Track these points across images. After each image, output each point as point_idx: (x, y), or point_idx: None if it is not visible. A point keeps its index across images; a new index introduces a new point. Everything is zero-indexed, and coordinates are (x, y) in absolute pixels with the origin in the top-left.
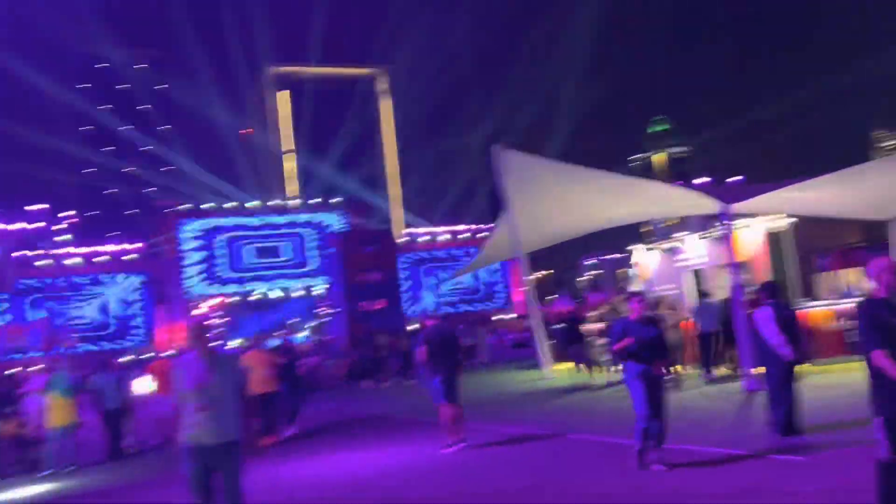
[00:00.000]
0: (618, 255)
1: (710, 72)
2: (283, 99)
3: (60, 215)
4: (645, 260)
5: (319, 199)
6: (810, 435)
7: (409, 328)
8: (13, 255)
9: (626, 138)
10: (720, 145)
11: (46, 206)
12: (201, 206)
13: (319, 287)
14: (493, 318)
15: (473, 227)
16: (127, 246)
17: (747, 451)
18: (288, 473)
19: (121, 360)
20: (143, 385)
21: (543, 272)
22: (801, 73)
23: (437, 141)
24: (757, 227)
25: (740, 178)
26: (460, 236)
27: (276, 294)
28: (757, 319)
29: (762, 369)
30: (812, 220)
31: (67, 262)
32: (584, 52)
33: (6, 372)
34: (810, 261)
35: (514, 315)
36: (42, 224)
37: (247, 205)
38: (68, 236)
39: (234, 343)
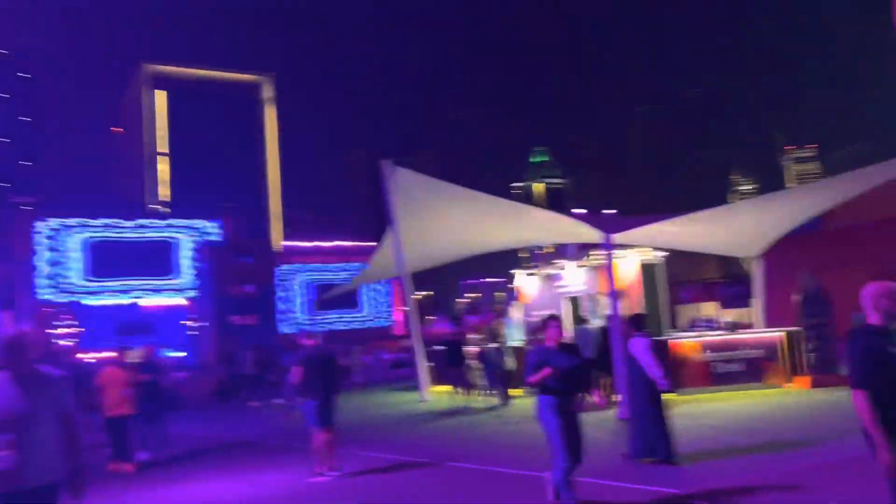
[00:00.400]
0: (496, 280)
1: (587, 109)
2: (160, 99)
3: None
4: (525, 285)
5: (193, 207)
6: (689, 465)
7: (282, 345)
8: None
9: (510, 165)
10: (593, 179)
11: None
12: (60, 205)
13: (188, 298)
14: (372, 337)
15: (356, 243)
16: None
17: (634, 484)
18: None
19: None
20: None
21: (423, 293)
22: (667, 122)
23: (323, 154)
24: (632, 258)
25: (614, 211)
26: (343, 252)
27: (140, 303)
28: (634, 348)
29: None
30: (680, 253)
31: None
32: (474, 75)
33: None
34: (677, 293)
35: (394, 335)
36: None
37: (112, 209)
38: None
39: (88, 358)
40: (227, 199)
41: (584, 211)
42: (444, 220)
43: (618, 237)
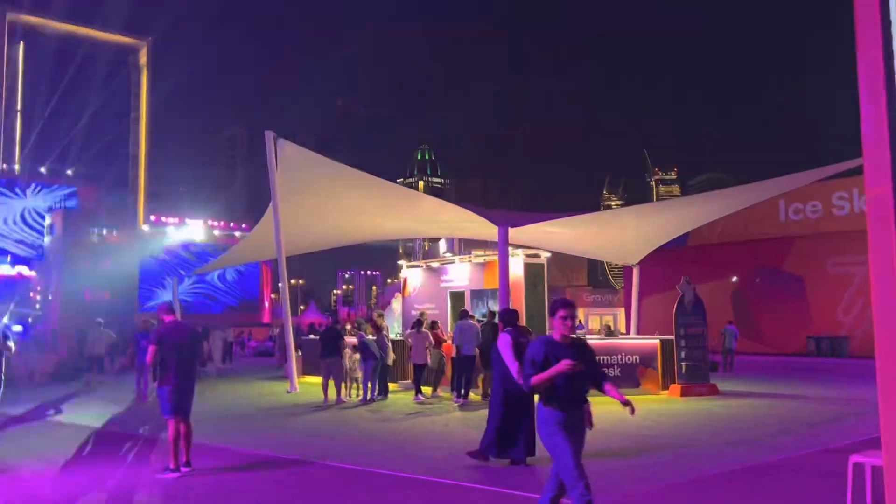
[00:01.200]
0: (373, 272)
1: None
2: (18, 51)
3: None
4: (410, 277)
5: (46, 170)
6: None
7: (139, 324)
8: None
9: (398, 159)
10: (473, 184)
11: None
12: None
13: (34, 268)
14: (238, 323)
15: (229, 223)
16: None
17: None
18: None
19: None
20: None
21: (294, 280)
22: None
23: (197, 129)
24: (516, 258)
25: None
26: (214, 231)
27: None
28: (500, 344)
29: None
30: (553, 260)
31: None
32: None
33: None
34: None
35: (261, 322)
36: None
37: None
38: None
39: None
40: (87, 167)
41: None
42: (328, 202)
43: (514, 231)
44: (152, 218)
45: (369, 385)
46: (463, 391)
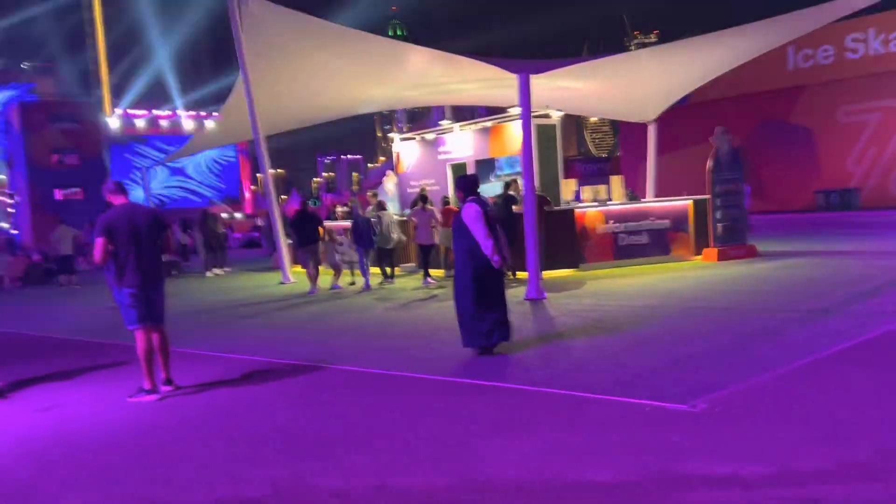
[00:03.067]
0: (354, 156)
1: None
2: None
3: None
4: (403, 152)
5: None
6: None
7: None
8: None
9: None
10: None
11: None
12: None
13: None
14: (222, 214)
15: (201, 112)
16: None
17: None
18: None
19: None
20: None
21: (273, 171)
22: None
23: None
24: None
25: None
26: (185, 121)
27: None
28: (465, 216)
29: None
30: None
31: None
32: None
33: None
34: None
35: (244, 213)
36: None
37: None
38: None
39: None
40: (43, 55)
41: None
42: (305, 69)
43: (537, 78)
44: (119, 112)
45: (368, 270)
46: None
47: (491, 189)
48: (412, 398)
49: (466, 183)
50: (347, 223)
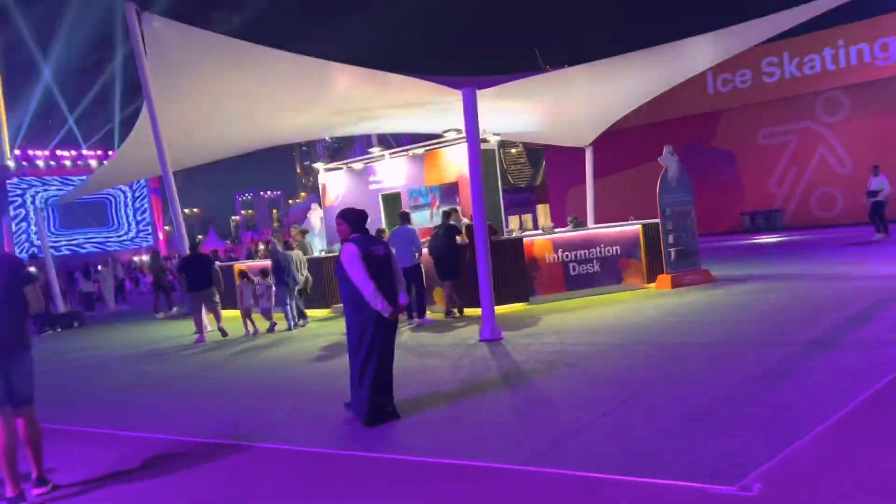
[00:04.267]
0: (274, 192)
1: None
2: None
3: None
4: (329, 182)
5: None
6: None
7: None
8: None
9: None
10: None
11: None
12: None
13: None
14: (134, 258)
15: (103, 152)
16: None
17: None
18: None
19: None
20: None
21: (189, 210)
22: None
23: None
24: (461, 144)
25: None
26: (89, 161)
27: None
28: (343, 260)
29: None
30: None
31: None
32: None
33: None
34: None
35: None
36: None
37: None
38: None
39: None
40: None
41: None
42: (219, 95)
43: (484, 93)
44: (19, 152)
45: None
46: (415, 310)
47: (421, 218)
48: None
49: (353, 216)
50: (268, 262)
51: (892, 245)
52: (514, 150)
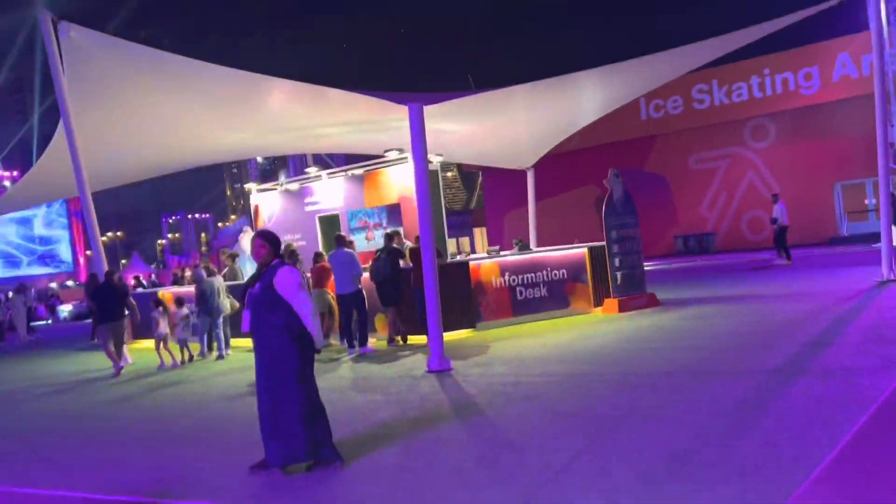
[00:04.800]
0: (202, 215)
1: None
2: None
3: None
4: (262, 204)
5: None
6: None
7: None
8: None
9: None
10: None
11: None
12: None
13: None
14: (51, 284)
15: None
16: None
17: None
18: None
19: None
20: None
21: (112, 234)
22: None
23: None
24: (405, 164)
25: None
26: (4, 182)
27: None
28: (282, 285)
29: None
30: None
31: None
32: None
33: None
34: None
35: (79, 281)
36: None
37: None
38: None
39: None
40: None
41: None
42: (144, 110)
43: (431, 109)
44: None
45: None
46: (357, 339)
47: (359, 241)
48: None
49: (276, 239)
50: (192, 289)
51: (799, 269)
52: (449, 174)
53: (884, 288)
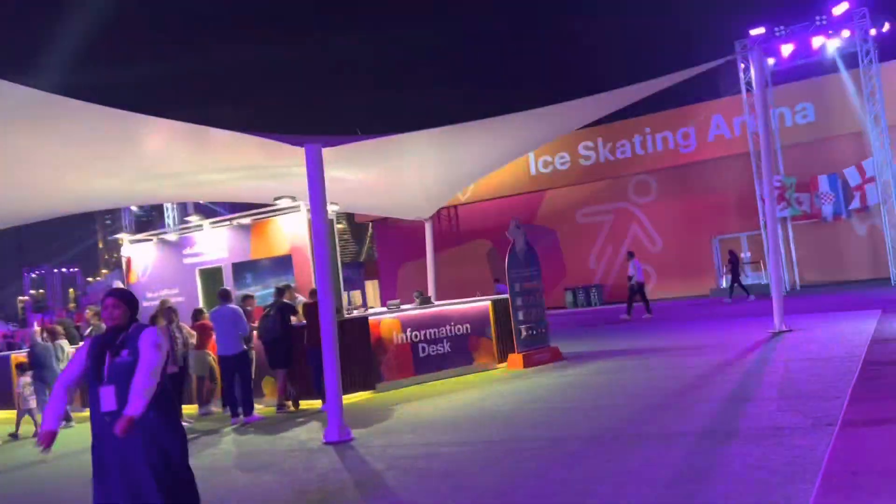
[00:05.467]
0: (70, 269)
1: None
2: None
3: None
4: (135, 256)
5: None
6: None
7: None
8: None
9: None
10: None
11: None
12: None
13: None
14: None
15: None
16: None
17: None
18: None
19: None
20: None
21: None
22: None
23: None
24: (298, 213)
25: None
26: None
27: None
28: (144, 345)
29: None
30: None
31: None
32: None
33: None
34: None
35: None
36: None
37: None
38: None
39: None
40: None
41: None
42: (27, 149)
43: (328, 156)
44: None
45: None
46: (240, 406)
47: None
48: None
49: (135, 300)
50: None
51: (691, 320)
52: (339, 226)
53: (779, 339)
